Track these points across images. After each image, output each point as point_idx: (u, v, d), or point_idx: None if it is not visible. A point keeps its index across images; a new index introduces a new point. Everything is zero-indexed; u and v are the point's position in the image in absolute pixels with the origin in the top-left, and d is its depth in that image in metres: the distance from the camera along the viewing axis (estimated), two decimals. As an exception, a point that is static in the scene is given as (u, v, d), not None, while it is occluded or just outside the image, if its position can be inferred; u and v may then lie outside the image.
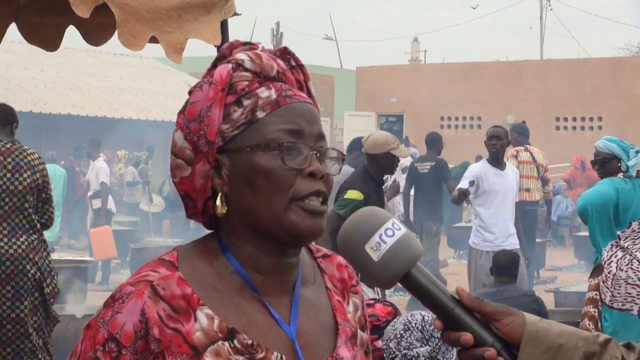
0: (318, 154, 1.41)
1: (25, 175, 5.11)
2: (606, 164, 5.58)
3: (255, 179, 1.38)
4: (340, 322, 1.47)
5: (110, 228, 13.63)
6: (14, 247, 5.00)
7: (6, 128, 5.32)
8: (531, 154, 10.83)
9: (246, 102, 1.40)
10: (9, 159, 5.11)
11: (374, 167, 6.23)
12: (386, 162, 6.20)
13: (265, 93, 1.41)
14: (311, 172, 1.38)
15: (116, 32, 3.30)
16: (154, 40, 3.39)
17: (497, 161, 7.54)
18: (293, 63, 1.48)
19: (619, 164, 5.45)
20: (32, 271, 5.03)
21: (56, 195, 16.22)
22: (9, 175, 5.06)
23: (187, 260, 1.40)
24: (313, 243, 1.54)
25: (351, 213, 4.93)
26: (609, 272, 5.22)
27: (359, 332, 1.51)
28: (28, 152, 5.23)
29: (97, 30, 3.96)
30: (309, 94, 1.48)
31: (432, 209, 10.86)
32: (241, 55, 1.43)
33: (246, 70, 1.42)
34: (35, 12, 4.03)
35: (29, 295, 5.02)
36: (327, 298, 1.49)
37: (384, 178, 6.54)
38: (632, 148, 5.38)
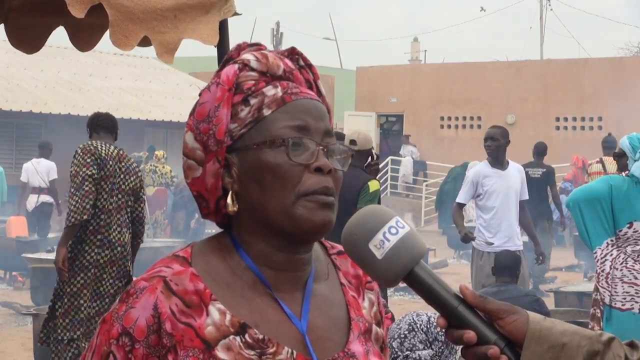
0: (325, 150, 1.41)
1: (131, 179, 6.07)
2: (621, 159, 5.58)
3: (263, 175, 1.39)
4: (354, 317, 1.47)
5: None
6: (124, 236, 5.99)
7: (113, 135, 6.20)
8: (603, 164, 11.07)
9: (253, 101, 1.42)
10: (122, 164, 6.04)
11: (363, 159, 6.87)
12: (368, 154, 6.94)
13: (271, 91, 1.42)
14: (318, 167, 1.39)
15: (107, 32, 3.28)
16: (148, 42, 3.37)
17: (497, 161, 7.53)
18: (302, 63, 1.49)
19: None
20: (127, 258, 6.02)
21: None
22: (122, 176, 6.01)
23: (201, 257, 1.42)
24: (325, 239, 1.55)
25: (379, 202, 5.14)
26: (602, 271, 5.20)
27: (374, 327, 1.51)
28: (131, 160, 6.20)
29: (85, 32, 3.93)
30: (319, 93, 1.49)
31: (543, 209, 12.04)
32: (247, 56, 1.45)
33: (252, 70, 1.43)
34: (26, 14, 4.00)
35: (122, 278, 5.96)
36: (341, 293, 1.50)
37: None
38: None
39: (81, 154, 5.87)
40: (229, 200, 1.42)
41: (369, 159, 6.98)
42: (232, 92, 1.42)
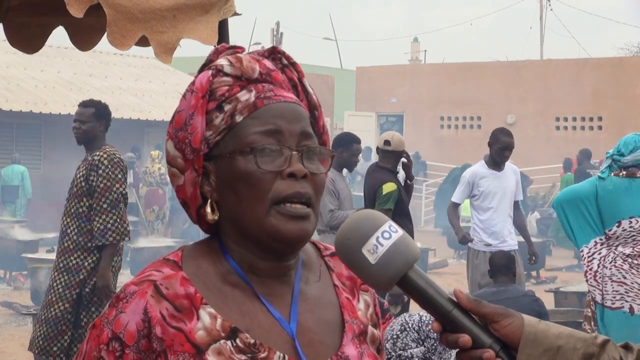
0: (301, 153, 1.39)
1: (123, 186, 5.71)
2: None
3: (237, 184, 1.38)
4: (347, 319, 1.46)
5: None
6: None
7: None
8: None
9: (227, 107, 1.40)
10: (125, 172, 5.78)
11: (393, 161, 7.05)
12: (400, 156, 7.07)
13: (245, 96, 1.40)
14: (290, 173, 1.37)
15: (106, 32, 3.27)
16: (147, 43, 3.37)
17: (495, 163, 7.54)
18: (285, 62, 1.47)
19: None
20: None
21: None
22: (124, 185, 5.71)
23: (192, 260, 1.40)
24: (321, 241, 1.54)
25: (394, 203, 5.16)
26: (590, 269, 5.22)
27: (370, 328, 1.49)
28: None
29: (85, 32, 3.93)
30: (305, 91, 1.47)
31: None
32: (221, 61, 1.43)
33: (226, 75, 1.41)
34: (25, 14, 3.99)
35: None
36: (334, 295, 1.48)
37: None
38: (610, 153, 5.36)
39: (110, 167, 5.59)
40: (207, 209, 1.40)
41: (401, 160, 7.11)
42: (206, 99, 1.40)
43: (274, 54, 1.47)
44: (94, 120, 5.82)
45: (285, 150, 1.38)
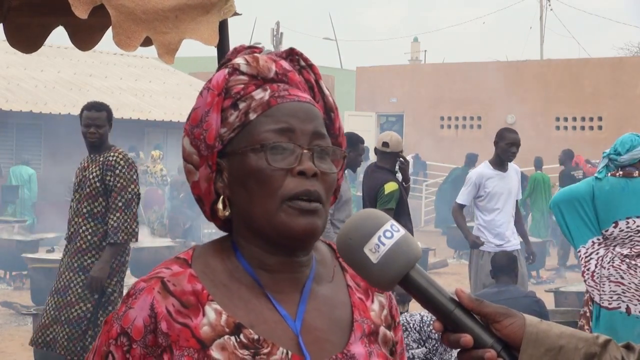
0: (312, 152, 1.40)
1: (137, 187, 5.85)
2: None
3: (248, 180, 1.40)
4: (357, 318, 1.46)
5: None
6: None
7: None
8: None
9: (242, 105, 1.43)
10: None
11: (391, 161, 7.10)
12: (398, 157, 7.12)
13: (259, 95, 1.43)
14: (301, 171, 1.39)
15: (110, 33, 3.28)
16: (148, 41, 3.37)
17: (500, 163, 7.53)
18: (302, 63, 1.49)
19: None
20: None
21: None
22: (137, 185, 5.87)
23: (201, 258, 1.43)
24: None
25: (396, 203, 5.18)
26: (587, 270, 5.23)
27: (383, 329, 1.50)
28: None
29: (85, 32, 3.93)
30: (321, 93, 1.49)
31: None
32: (238, 60, 1.46)
33: (243, 73, 1.44)
34: (26, 13, 4.00)
35: None
36: (347, 295, 1.49)
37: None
38: (607, 153, 5.37)
39: (126, 167, 5.72)
40: (219, 205, 1.43)
41: (399, 161, 7.13)
42: (222, 97, 1.43)
43: (292, 55, 1.49)
44: (107, 123, 5.85)
45: (296, 149, 1.40)
